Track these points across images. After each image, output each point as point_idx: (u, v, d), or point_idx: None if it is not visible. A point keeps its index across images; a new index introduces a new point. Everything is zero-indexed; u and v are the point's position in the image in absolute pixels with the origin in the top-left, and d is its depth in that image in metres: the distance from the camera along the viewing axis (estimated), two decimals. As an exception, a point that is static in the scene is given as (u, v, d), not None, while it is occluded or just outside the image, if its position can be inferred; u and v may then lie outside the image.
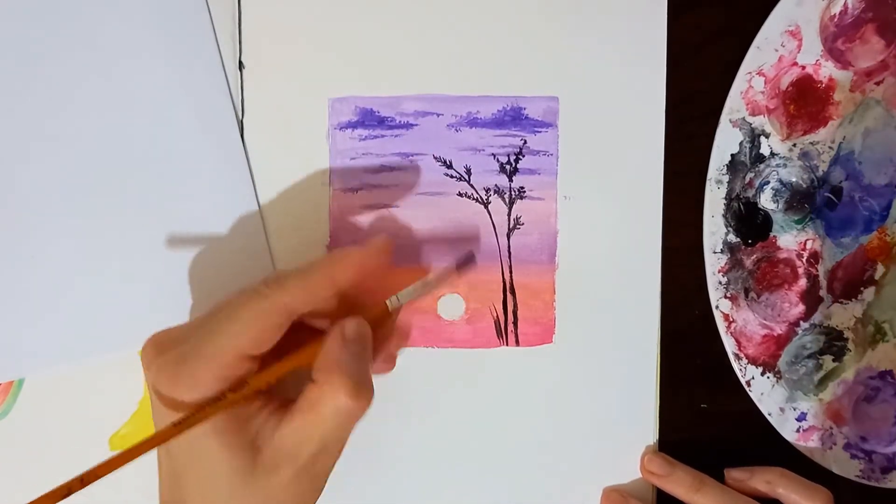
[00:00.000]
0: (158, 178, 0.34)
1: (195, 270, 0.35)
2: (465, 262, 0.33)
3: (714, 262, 0.37)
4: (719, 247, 0.37)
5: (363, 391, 0.27)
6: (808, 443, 0.39)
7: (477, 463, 0.37)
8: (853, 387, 0.39)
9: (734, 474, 0.37)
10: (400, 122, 0.36)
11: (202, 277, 0.35)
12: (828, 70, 0.36)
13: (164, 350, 0.28)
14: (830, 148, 0.37)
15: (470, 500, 0.37)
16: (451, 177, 0.36)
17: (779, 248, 0.38)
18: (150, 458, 0.28)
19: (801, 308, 0.38)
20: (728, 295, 0.38)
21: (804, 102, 0.37)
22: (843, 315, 0.38)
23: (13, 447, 0.35)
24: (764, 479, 0.36)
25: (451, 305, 0.36)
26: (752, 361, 0.38)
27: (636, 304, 0.37)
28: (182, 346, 0.28)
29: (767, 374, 0.38)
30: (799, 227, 0.38)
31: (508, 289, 0.37)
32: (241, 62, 0.35)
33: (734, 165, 0.37)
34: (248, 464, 0.27)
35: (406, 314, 0.36)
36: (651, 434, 0.38)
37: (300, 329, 0.30)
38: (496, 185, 0.36)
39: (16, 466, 0.35)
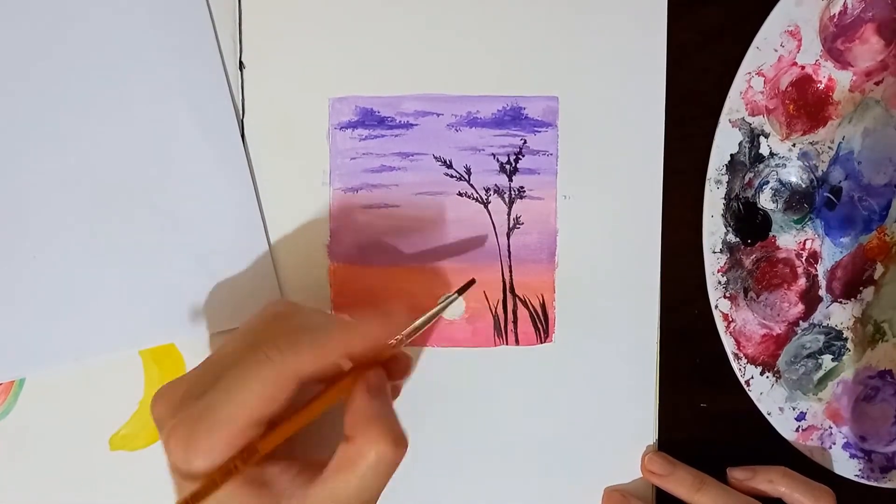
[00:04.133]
0: (158, 177, 0.34)
1: (195, 270, 0.35)
2: (467, 286, 0.35)
3: (713, 262, 0.38)
4: (719, 246, 0.37)
5: (401, 440, 0.28)
6: (808, 442, 0.39)
7: (477, 462, 0.37)
8: (852, 386, 0.39)
9: (736, 474, 0.37)
10: (400, 121, 0.36)
11: (202, 277, 0.35)
12: (827, 70, 0.37)
13: (174, 411, 0.27)
14: (830, 148, 0.37)
15: (470, 500, 0.37)
16: (451, 176, 0.36)
17: (778, 248, 0.38)
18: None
19: (800, 308, 0.38)
20: (727, 295, 0.38)
21: (804, 102, 0.37)
22: (842, 315, 0.38)
23: (13, 447, 0.35)
24: (766, 479, 0.36)
25: (451, 305, 0.36)
26: (752, 361, 0.38)
27: (636, 303, 0.37)
28: (190, 408, 0.27)
29: (767, 374, 0.38)
30: (798, 226, 0.38)
31: (508, 288, 0.37)
32: (241, 62, 0.35)
33: (733, 165, 0.37)
34: None
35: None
36: (651, 434, 0.38)
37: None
38: (496, 184, 0.36)
39: (16, 466, 0.35)
